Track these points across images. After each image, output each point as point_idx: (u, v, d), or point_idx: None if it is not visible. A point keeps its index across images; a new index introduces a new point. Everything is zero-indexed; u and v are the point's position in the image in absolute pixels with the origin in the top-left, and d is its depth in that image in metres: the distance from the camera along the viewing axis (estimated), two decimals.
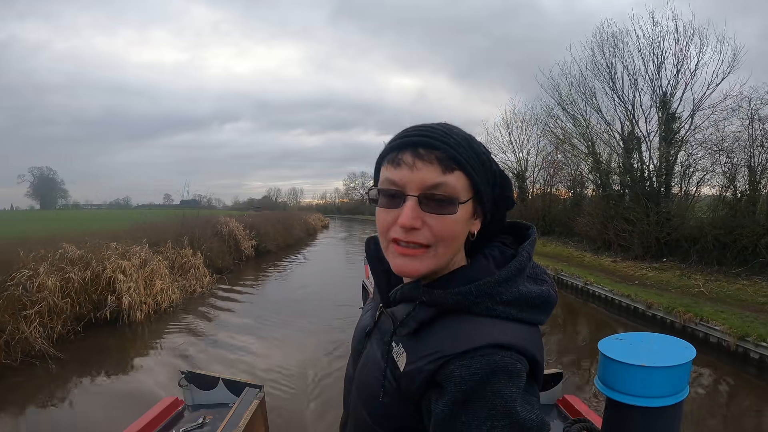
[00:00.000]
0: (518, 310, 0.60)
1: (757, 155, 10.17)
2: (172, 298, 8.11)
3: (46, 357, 5.65)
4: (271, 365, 5.61)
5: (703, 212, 11.45)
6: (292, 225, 23.58)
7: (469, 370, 0.55)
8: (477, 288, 0.59)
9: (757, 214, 9.90)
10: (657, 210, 11.71)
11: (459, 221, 0.60)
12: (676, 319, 6.68)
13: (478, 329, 0.58)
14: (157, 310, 7.70)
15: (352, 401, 0.73)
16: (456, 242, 0.62)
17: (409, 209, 0.58)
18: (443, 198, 0.59)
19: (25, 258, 6.66)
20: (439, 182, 0.58)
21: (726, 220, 10.25)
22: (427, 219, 0.59)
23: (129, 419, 1.97)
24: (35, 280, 6.32)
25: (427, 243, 0.60)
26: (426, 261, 0.60)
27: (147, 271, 7.96)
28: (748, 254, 9.66)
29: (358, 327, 0.80)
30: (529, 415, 0.54)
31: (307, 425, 4.23)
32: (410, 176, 0.59)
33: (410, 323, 0.63)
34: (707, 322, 6.15)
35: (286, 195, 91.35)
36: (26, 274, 6.30)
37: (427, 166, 0.58)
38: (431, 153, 0.59)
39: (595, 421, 0.82)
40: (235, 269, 12.70)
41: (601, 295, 9.02)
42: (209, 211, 23.22)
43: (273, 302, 9.27)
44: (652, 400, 0.64)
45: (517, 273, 0.62)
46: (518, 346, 0.57)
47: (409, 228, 0.59)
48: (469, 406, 0.54)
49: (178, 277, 9.13)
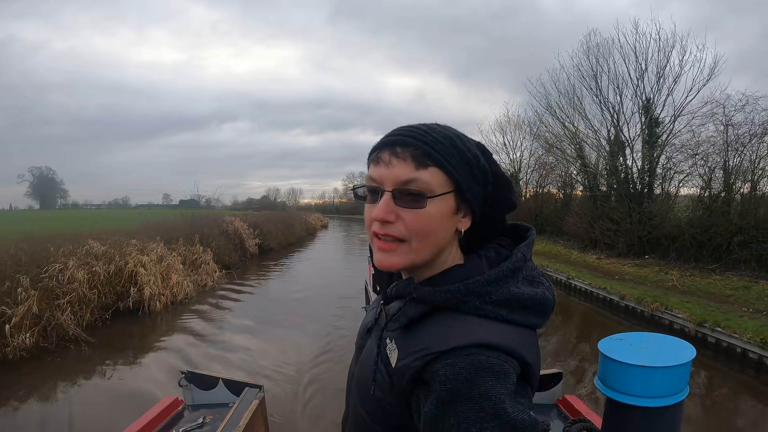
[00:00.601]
0: (509, 311, 0.60)
1: (731, 159, 10.90)
2: (187, 291, 8.79)
3: (78, 341, 6.32)
4: (272, 360, 5.89)
5: (682, 212, 12.18)
6: (293, 224, 24.27)
7: (454, 369, 0.55)
8: (465, 286, 0.60)
9: (731, 214, 10.60)
10: (639, 210, 12.42)
11: (434, 216, 0.61)
12: (645, 308, 7.40)
13: (465, 328, 0.58)
14: (174, 302, 8.38)
15: (351, 398, 0.74)
16: (433, 237, 0.62)
17: (382, 203, 0.61)
18: (415, 193, 0.60)
19: (55, 253, 7.32)
20: (412, 178, 0.60)
21: (702, 220, 10.97)
22: (401, 213, 0.60)
23: (146, 401, 2.26)
24: (65, 273, 6.97)
25: (402, 237, 0.61)
26: (402, 255, 0.62)
27: (164, 266, 8.64)
28: (722, 251, 10.37)
29: (362, 324, 0.81)
30: (520, 415, 0.54)
31: (308, 424, 4.24)
32: (386, 173, 0.61)
33: (401, 319, 0.64)
34: (671, 310, 6.88)
35: (285, 195, 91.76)
36: (57, 267, 6.95)
37: (401, 163, 0.60)
38: (406, 150, 0.61)
39: (595, 421, 0.83)
40: (241, 266, 13.38)
41: (581, 288, 9.73)
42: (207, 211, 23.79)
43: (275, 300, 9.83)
44: (652, 400, 0.64)
45: (509, 273, 0.62)
46: (506, 347, 0.56)
47: (383, 221, 0.61)
48: (457, 407, 0.54)
49: (190, 272, 9.80)
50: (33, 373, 5.45)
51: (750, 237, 9.80)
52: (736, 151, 10.76)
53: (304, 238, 25.72)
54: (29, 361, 5.67)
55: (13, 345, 5.58)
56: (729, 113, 10.67)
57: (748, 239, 9.83)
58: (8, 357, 5.53)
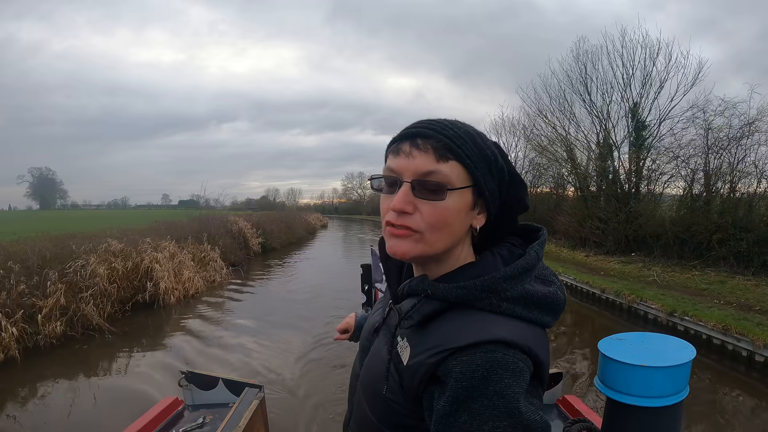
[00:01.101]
0: (524, 308, 0.60)
1: (712, 161, 11.50)
2: (197, 286, 9.35)
3: (102, 330, 6.88)
4: (274, 354, 6.15)
5: (666, 212, 12.78)
6: (294, 224, 24.84)
7: (470, 366, 0.54)
8: (482, 283, 0.60)
9: (711, 213, 11.21)
10: (626, 210, 13.03)
11: (452, 209, 0.61)
12: (623, 300, 7.99)
13: (481, 324, 0.58)
14: (186, 296, 8.95)
15: (357, 398, 0.74)
16: (449, 230, 0.62)
17: (401, 193, 0.61)
18: (435, 185, 0.60)
19: (77, 250, 7.87)
20: (432, 170, 0.60)
21: (684, 219, 11.57)
22: (419, 205, 0.60)
23: (165, 381, 2.48)
24: (87, 268, 7.52)
25: (418, 228, 0.61)
26: (414, 243, 0.61)
27: (176, 263, 9.20)
28: (703, 249, 10.98)
29: (367, 324, 0.81)
30: (532, 416, 0.54)
31: (308, 424, 4.24)
32: (406, 164, 0.61)
33: (415, 316, 0.63)
34: (646, 302, 7.48)
35: (284, 195, 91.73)
36: (80, 263, 7.50)
37: (422, 155, 0.60)
38: (427, 142, 0.61)
39: (595, 421, 0.83)
40: (246, 264, 13.94)
41: (566, 282, 10.32)
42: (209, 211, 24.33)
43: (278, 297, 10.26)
44: (653, 400, 0.64)
45: (523, 271, 0.62)
46: (522, 344, 0.56)
47: (400, 211, 0.60)
48: (471, 404, 0.53)
49: (200, 269, 10.35)
50: (63, 358, 6.01)
51: (728, 235, 10.39)
52: (716, 154, 11.38)
53: (304, 237, 26.29)
54: (58, 348, 6.23)
55: (44, 333, 6.13)
56: (709, 118, 11.28)
57: (726, 237, 10.43)
58: (40, 344, 6.08)
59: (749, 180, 10.87)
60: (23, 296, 6.28)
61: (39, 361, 5.82)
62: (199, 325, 7.65)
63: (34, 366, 5.68)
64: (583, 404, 1.93)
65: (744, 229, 10.17)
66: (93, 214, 46.67)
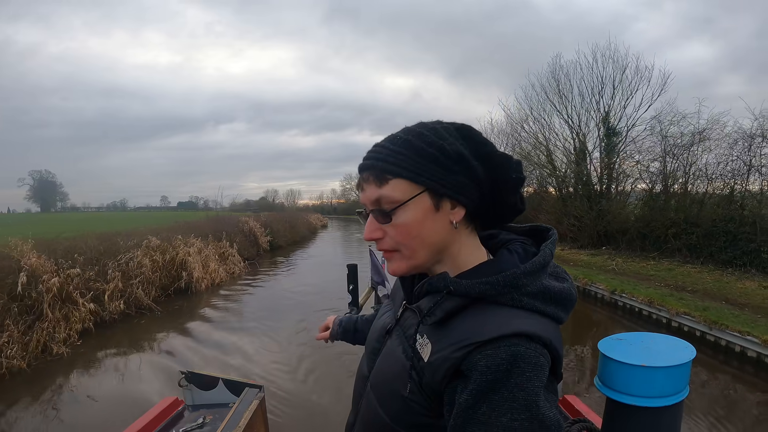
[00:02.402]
0: (543, 303, 0.62)
1: (669, 165, 13.09)
2: (221, 277, 10.88)
3: (151, 309, 8.41)
4: (280, 344, 6.71)
5: (632, 210, 14.37)
6: (297, 224, 26.38)
7: (495, 359, 0.55)
8: (504, 278, 0.61)
9: (668, 211, 12.78)
10: (597, 209, 14.60)
11: (411, 222, 0.63)
12: (579, 283, 9.54)
13: (504, 318, 0.59)
14: (212, 284, 10.48)
15: (365, 400, 0.75)
16: (418, 240, 0.64)
17: (367, 225, 0.67)
18: (386, 208, 0.64)
19: (124, 245, 9.39)
20: (378, 196, 0.64)
21: (645, 216, 13.15)
22: (386, 228, 0.65)
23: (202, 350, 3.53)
24: (134, 260, 9.04)
25: (393, 248, 0.66)
26: (400, 262, 0.66)
27: (203, 257, 10.71)
28: (661, 242, 12.56)
29: (376, 326, 0.82)
30: (549, 412, 0.55)
31: (308, 425, 4.29)
32: (363, 197, 0.66)
33: (437, 313, 0.64)
34: (595, 284, 9.07)
35: (283, 196, 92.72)
36: (129, 256, 9.02)
37: (369, 185, 0.65)
38: (369, 173, 0.65)
39: (595, 421, 0.86)
40: (258, 259, 15.48)
41: None
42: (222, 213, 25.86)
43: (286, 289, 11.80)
44: (652, 400, 0.64)
45: (541, 267, 0.64)
46: (543, 337, 0.58)
47: (371, 239, 0.66)
48: (492, 396, 0.55)
49: (221, 263, 11.88)
50: (124, 330, 7.54)
51: (681, 230, 11.97)
52: (672, 158, 12.97)
53: (307, 236, 27.88)
54: (120, 322, 7.76)
55: (108, 310, 7.65)
56: (665, 128, 12.88)
57: (679, 231, 12.01)
58: (105, 318, 7.59)
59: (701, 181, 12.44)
60: (90, 281, 7.80)
61: (105, 332, 7.34)
62: (224, 308, 9.19)
63: (104, 335, 7.21)
64: (583, 404, 1.91)
65: (694, 224, 11.73)
66: (95, 216, 46.51)
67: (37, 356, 6.07)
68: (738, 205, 11.15)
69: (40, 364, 5.97)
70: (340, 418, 0.90)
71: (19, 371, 5.61)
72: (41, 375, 5.70)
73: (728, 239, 10.75)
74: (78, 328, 6.84)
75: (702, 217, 11.77)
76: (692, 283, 9.13)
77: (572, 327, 7.41)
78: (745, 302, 7.53)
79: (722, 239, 10.88)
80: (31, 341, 6.11)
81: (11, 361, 5.60)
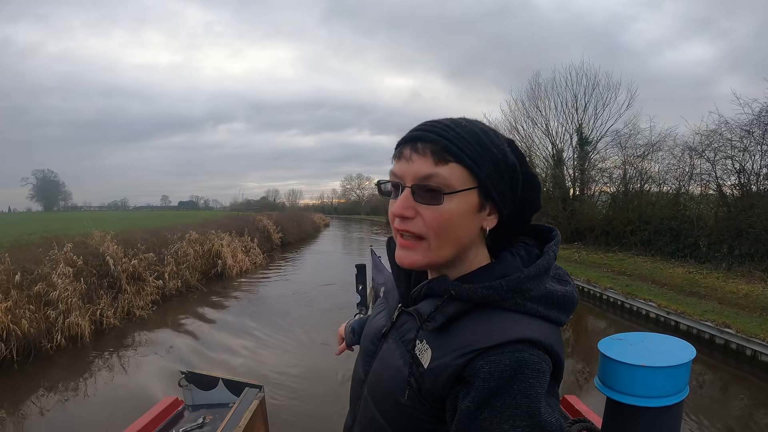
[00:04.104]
0: (545, 307, 0.61)
1: (628, 171, 15.22)
2: (247, 266, 12.98)
3: (197, 288, 10.52)
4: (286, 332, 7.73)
5: (600, 210, 16.50)
6: (303, 223, 28.56)
7: (498, 366, 0.55)
8: (507, 283, 0.60)
9: (628, 211, 14.89)
10: (569, 209, 16.73)
11: (453, 212, 0.60)
12: None
13: (507, 324, 0.58)
14: (241, 271, 12.59)
15: (362, 404, 0.74)
16: (452, 235, 0.62)
17: (401, 198, 0.61)
18: (433, 189, 0.60)
19: (171, 238, 11.48)
20: (430, 173, 0.60)
21: (608, 216, 15.28)
22: (420, 209, 0.61)
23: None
24: (181, 250, 11.13)
25: (421, 234, 0.61)
26: (421, 253, 0.62)
27: (232, 248, 12.81)
28: (621, 238, 14.68)
29: (371, 328, 0.80)
30: (551, 418, 0.55)
31: (308, 425, 4.36)
32: (407, 168, 0.61)
33: (438, 318, 0.62)
34: None
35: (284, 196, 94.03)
36: (177, 246, 11.12)
37: (421, 159, 0.60)
38: (426, 146, 0.60)
39: (595, 421, 0.84)
40: (273, 253, 17.61)
41: None
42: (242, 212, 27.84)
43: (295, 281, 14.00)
44: (652, 400, 0.64)
45: (544, 271, 0.63)
46: (545, 343, 0.57)
47: (401, 216, 0.61)
48: (494, 402, 0.55)
49: (245, 254, 13.98)
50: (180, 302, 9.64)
51: (636, 227, 14.09)
52: (630, 166, 15.11)
53: (312, 234, 30.08)
54: (176, 297, 9.87)
55: (168, 287, 9.74)
56: (624, 141, 15.05)
57: (635, 228, 14.12)
58: (165, 294, 9.68)
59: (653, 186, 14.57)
60: (152, 264, 9.89)
61: (168, 303, 9.44)
62: (252, 290, 11.30)
63: (167, 304, 9.31)
64: (583, 404, 1.87)
65: (647, 222, 13.84)
66: (98, 215, 44.71)
67: (123, 318, 8.14)
68: (681, 206, 13.26)
69: (126, 323, 8.06)
70: (340, 417, 0.87)
71: (114, 327, 7.70)
72: (129, 330, 7.78)
73: (672, 235, 12.87)
74: (149, 299, 8.93)
75: (653, 216, 13.89)
76: (633, 270, 11.27)
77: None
78: (666, 282, 9.68)
79: (668, 235, 13.00)
80: (119, 307, 8.19)
81: (109, 319, 7.67)
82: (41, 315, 6.54)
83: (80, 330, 6.82)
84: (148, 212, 72.02)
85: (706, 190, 12.82)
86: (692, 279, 9.81)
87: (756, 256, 10.45)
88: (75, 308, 6.99)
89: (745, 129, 11.22)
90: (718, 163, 12.06)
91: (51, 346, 6.38)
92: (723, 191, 12.04)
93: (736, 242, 10.98)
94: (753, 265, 10.28)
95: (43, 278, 7.07)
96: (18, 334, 6.01)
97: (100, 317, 7.50)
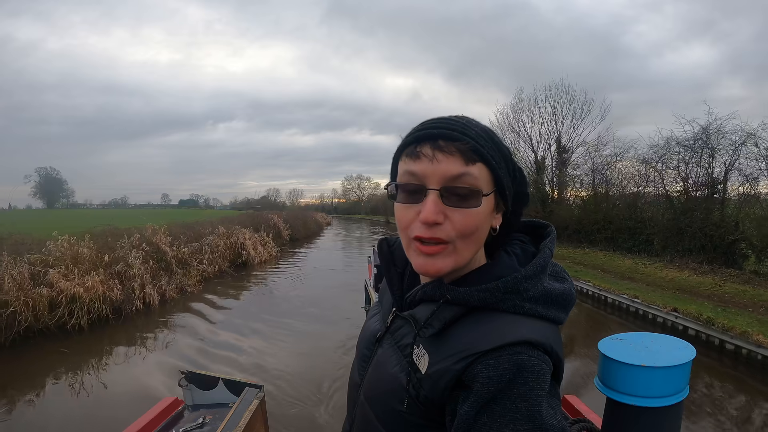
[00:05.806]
0: (544, 307, 0.60)
1: (596, 177, 17.47)
2: (266, 257, 15.18)
3: (229, 274, 12.71)
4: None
5: (574, 211, 18.73)
6: (308, 221, 30.77)
7: (497, 369, 0.54)
8: (504, 284, 0.58)
9: (595, 212, 17.12)
10: (546, 210, 18.96)
11: (482, 215, 0.59)
12: None
13: (505, 326, 0.57)
14: (261, 261, 14.77)
15: (359, 409, 0.72)
16: (477, 237, 0.60)
17: (431, 203, 0.57)
18: (466, 190, 0.57)
19: (204, 231, 13.67)
20: (462, 173, 0.57)
21: (579, 216, 17.51)
22: (450, 213, 0.58)
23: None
24: (212, 242, 13.31)
25: (448, 239, 0.58)
26: (447, 259, 0.59)
27: (253, 242, 14.99)
28: (589, 236, 16.91)
29: (366, 332, 0.79)
30: (552, 420, 0.54)
31: (308, 426, 4.43)
32: (431, 169, 0.57)
33: (435, 324, 0.61)
34: None
35: (285, 195, 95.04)
36: (209, 239, 13.31)
37: (449, 158, 0.57)
38: (452, 145, 0.57)
39: (595, 421, 0.83)
40: (284, 248, 19.82)
41: None
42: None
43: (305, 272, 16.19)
44: (652, 400, 0.64)
45: (541, 270, 0.61)
46: (545, 344, 0.56)
47: (432, 223, 0.57)
48: (493, 407, 0.54)
49: (263, 247, 16.18)
50: (218, 282, 11.83)
51: (601, 226, 16.31)
52: (599, 173, 17.35)
53: (316, 231, 32.36)
54: (214, 279, 12.07)
55: (207, 271, 11.93)
56: (591, 151, 17.32)
57: (601, 227, 16.34)
58: (207, 276, 11.86)
59: (616, 189, 16.80)
60: (194, 252, 12.08)
61: (210, 284, 11.63)
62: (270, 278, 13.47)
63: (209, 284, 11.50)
64: (583, 404, 1.84)
65: (610, 222, 16.06)
66: (101, 213, 46.64)
67: (178, 293, 10.32)
68: (638, 209, 15.48)
69: (181, 296, 10.24)
70: (340, 416, 0.68)
71: (172, 299, 9.88)
72: (184, 301, 9.96)
73: (630, 233, 15.08)
74: (195, 280, 11.12)
75: (615, 217, 16.09)
76: (589, 261, 13.49)
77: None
78: (612, 270, 11.91)
79: (626, 233, 15.21)
80: (173, 284, 10.37)
81: (170, 293, 9.86)
82: (125, 287, 8.73)
83: (152, 299, 9.01)
84: (150, 210, 72.50)
85: (658, 195, 15.05)
86: (635, 268, 12.03)
87: (693, 251, 12.68)
88: (147, 283, 9.18)
89: (687, 145, 13.43)
90: (666, 172, 14.29)
91: (132, 309, 8.56)
92: (670, 196, 14.26)
93: (678, 239, 13.20)
94: (690, 258, 12.50)
95: (121, 260, 9.26)
96: (112, 299, 8.19)
97: (164, 291, 9.70)
